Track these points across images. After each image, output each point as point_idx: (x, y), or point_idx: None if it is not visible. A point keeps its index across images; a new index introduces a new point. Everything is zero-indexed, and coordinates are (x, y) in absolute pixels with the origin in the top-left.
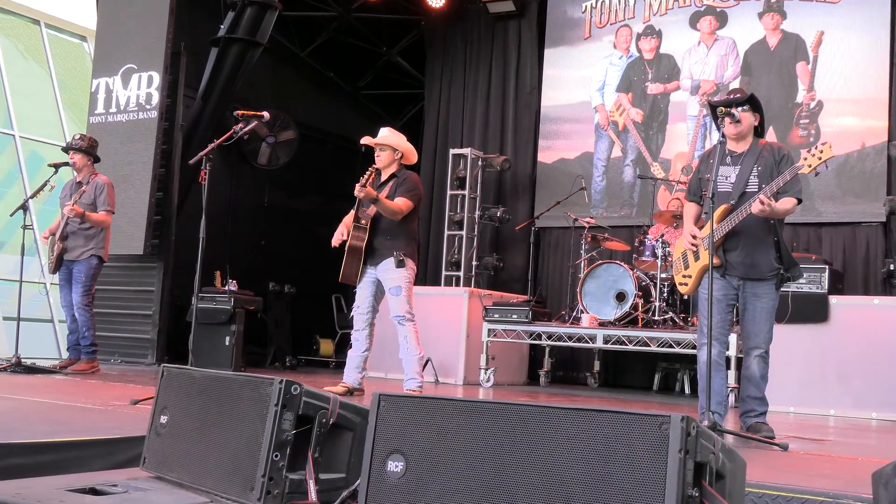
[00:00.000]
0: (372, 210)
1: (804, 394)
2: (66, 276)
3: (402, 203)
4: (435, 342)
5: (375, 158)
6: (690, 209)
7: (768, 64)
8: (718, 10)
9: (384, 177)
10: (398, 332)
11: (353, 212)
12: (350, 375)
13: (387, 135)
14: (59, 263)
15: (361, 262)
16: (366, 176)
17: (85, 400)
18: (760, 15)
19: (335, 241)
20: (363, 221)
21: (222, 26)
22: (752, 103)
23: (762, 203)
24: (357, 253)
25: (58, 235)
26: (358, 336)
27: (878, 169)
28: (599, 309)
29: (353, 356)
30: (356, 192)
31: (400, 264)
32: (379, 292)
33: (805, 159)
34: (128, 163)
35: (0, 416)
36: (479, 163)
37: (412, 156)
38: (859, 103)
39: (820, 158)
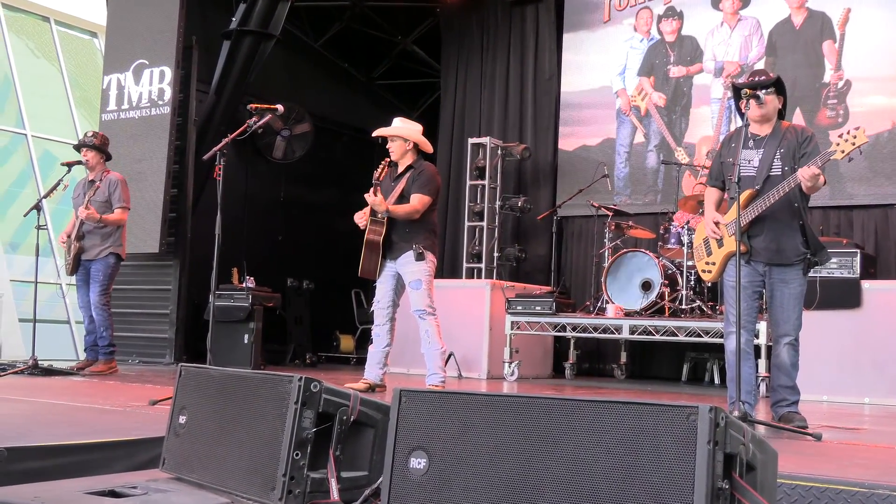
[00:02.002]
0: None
1: (838, 381)
2: (83, 276)
3: (417, 202)
4: (457, 336)
5: (390, 151)
6: (712, 194)
7: (794, 43)
8: None
9: (401, 168)
10: (419, 326)
11: None
12: (371, 371)
13: (398, 125)
14: (76, 264)
15: (380, 256)
16: (378, 170)
17: (103, 401)
18: None
19: (360, 222)
20: (380, 215)
21: (234, 18)
22: (778, 86)
23: (813, 171)
24: (375, 247)
25: (73, 236)
26: (379, 331)
27: None
28: (625, 298)
29: (374, 352)
30: (367, 200)
31: (419, 257)
32: (399, 286)
33: (837, 145)
34: (141, 160)
35: (18, 419)
36: (499, 152)
37: (426, 145)
38: (889, 81)
39: (853, 144)
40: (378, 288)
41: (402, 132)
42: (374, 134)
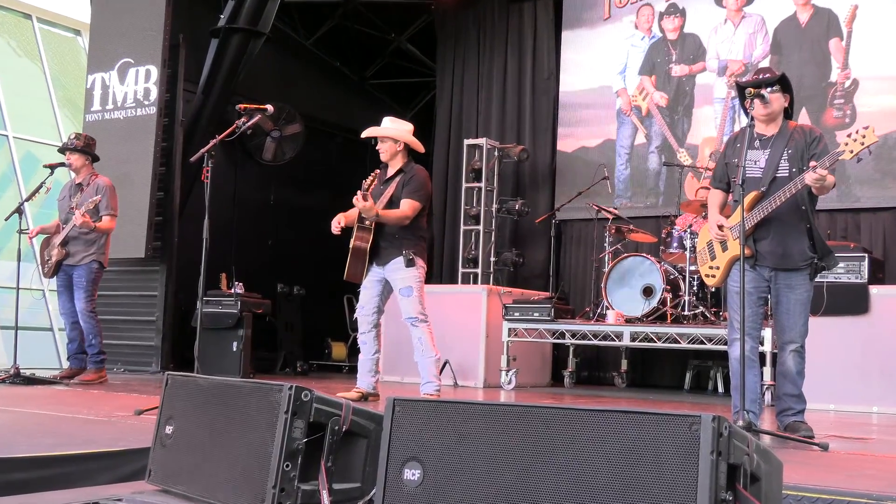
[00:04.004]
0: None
1: (845, 390)
2: (64, 281)
3: (407, 208)
4: (453, 343)
5: (380, 152)
6: (715, 196)
7: (799, 41)
8: None
9: (391, 171)
10: (412, 334)
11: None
12: (364, 380)
13: (387, 125)
14: (57, 268)
15: (367, 262)
16: (368, 181)
17: (87, 411)
18: None
19: (335, 230)
20: (367, 222)
21: (222, 16)
22: (783, 84)
23: (818, 173)
24: (362, 253)
25: (58, 240)
26: (365, 339)
27: None
28: (625, 305)
29: (364, 360)
30: (356, 204)
31: (409, 263)
32: (386, 292)
33: (846, 144)
34: (127, 161)
35: None
36: (496, 153)
37: (417, 145)
38: None
39: (863, 144)
40: (363, 293)
41: (392, 133)
42: (364, 134)
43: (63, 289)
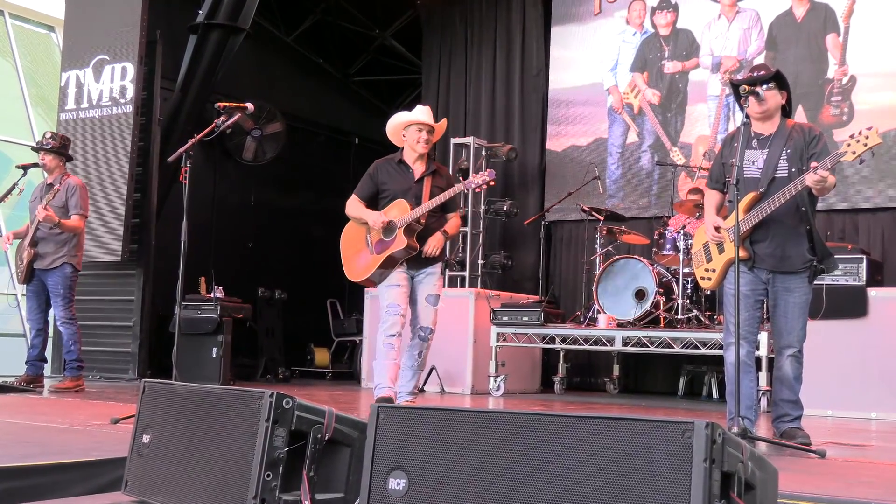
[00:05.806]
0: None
1: (843, 395)
2: (37, 287)
3: (459, 222)
4: (439, 349)
5: (421, 143)
6: (712, 197)
7: (795, 37)
8: None
9: (423, 167)
10: (416, 345)
11: (397, 206)
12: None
13: (431, 117)
14: (30, 273)
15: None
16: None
17: (61, 420)
18: None
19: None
20: (422, 220)
21: (201, 11)
22: (778, 80)
23: (819, 175)
24: (397, 260)
25: (27, 241)
26: (393, 342)
27: None
28: (617, 308)
29: (390, 365)
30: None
31: (443, 270)
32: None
33: (848, 145)
34: (102, 162)
35: None
36: (483, 153)
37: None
38: None
39: (866, 145)
40: (393, 292)
41: (439, 128)
42: (426, 121)
43: (33, 294)
